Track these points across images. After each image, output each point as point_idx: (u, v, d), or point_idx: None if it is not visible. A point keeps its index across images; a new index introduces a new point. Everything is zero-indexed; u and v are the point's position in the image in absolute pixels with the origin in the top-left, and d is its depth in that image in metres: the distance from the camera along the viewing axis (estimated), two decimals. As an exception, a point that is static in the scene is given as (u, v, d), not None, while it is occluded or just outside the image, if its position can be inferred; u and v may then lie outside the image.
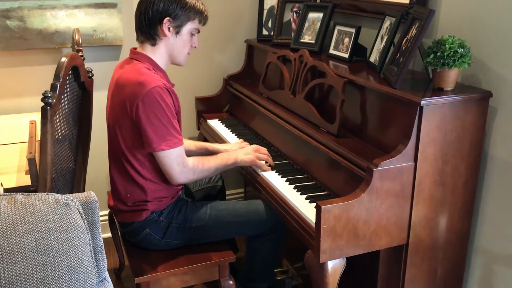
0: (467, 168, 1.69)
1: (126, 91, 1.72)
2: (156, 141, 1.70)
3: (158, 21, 1.76)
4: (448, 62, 1.59)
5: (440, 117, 1.58)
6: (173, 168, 1.75)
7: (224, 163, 1.91)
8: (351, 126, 1.90)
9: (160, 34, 1.79)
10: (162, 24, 1.76)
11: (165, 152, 1.72)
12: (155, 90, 1.68)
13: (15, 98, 2.53)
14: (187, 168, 1.79)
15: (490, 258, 1.80)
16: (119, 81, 1.77)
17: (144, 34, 1.80)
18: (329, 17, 2.28)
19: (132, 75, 1.74)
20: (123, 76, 1.77)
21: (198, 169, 1.82)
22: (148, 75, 1.72)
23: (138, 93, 1.68)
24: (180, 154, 1.76)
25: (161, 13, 1.75)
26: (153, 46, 1.81)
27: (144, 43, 1.82)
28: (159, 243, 1.89)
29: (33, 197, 1.30)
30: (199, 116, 2.77)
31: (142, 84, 1.69)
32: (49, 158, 1.49)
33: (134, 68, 1.77)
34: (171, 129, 1.72)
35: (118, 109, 1.76)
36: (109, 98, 1.86)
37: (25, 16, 2.40)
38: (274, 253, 2.06)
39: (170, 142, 1.72)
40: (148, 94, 1.67)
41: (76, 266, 1.27)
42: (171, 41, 1.80)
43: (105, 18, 2.54)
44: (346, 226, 1.53)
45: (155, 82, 1.69)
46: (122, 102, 1.73)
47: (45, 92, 1.45)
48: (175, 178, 1.78)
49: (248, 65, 2.81)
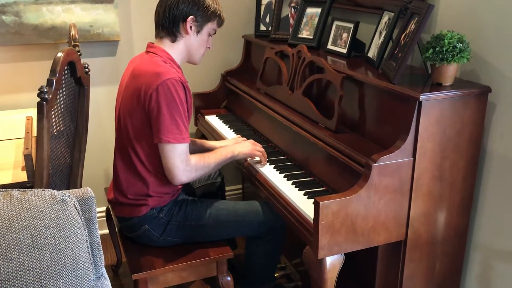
0: (466, 164, 1.69)
1: (142, 81, 1.73)
2: (164, 133, 1.70)
3: (182, 19, 1.80)
4: (447, 57, 1.58)
5: (439, 113, 1.58)
6: (176, 165, 1.74)
7: (224, 157, 1.91)
8: (349, 122, 1.89)
9: (182, 32, 1.83)
10: (186, 23, 1.80)
11: (171, 146, 1.72)
12: (170, 81, 1.69)
13: (11, 94, 2.52)
14: (190, 166, 1.78)
15: (488, 253, 1.80)
16: (134, 72, 1.79)
17: (165, 30, 1.83)
18: (327, 12, 2.27)
19: (149, 66, 1.76)
20: (139, 67, 1.79)
21: (199, 166, 1.81)
22: (164, 67, 1.74)
23: (153, 83, 1.69)
24: (185, 151, 1.76)
25: (186, 12, 1.80)
26: (173, 43, 1.84)
27: (164, 39, 1.85)
28: (157, 240, 1.88)
29: (29, 193, 1.29)
30: (197, 112, 2.76)
31: (158, 74, 1.70)
32: (45, 154, 1.48)
33: (151, 60, 1.79)
34: (181, 124, 1.72)
35: (132, 99, 1.76)
36: (121, 90, 1.87)
37: (21, 11, 2.38)
38: (273, 255, 2.05)
39: (179, 136, 1.72)
40: (163, 84, 1.68)
41: (73, 262, 1.27)
42: (191, 39, 1.85)
43: (101, 13, 2.52)
44: (344, 222, 1.52)
45: (171, 74, 1.71)
46: (137, 91, 1.74)
47: (41, 88, 1.44)
48: (177, 176, 1.76)
49: (246, 60, 2.80)
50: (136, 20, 2.65)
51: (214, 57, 2.88)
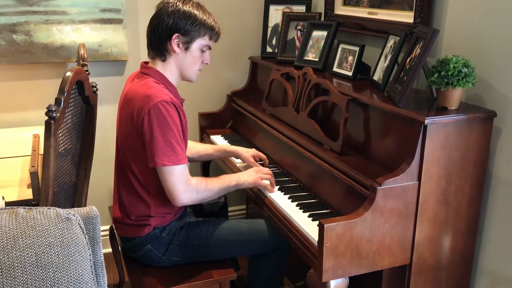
0: (471, 188, 1.68)
1: (133, 104, 1.73)
2: (159, 156, 1.69)
3: (167, 37, 1.77)
4: (452, 81, 1.59)
5: (444, 136, 1.58)
6: (175, 186, 1.72)
7: (227, 184, 1.88)
8: (354, 144, 1.89)
9: (169, 50, 1.79)
10: (171, 40, 1.77)
11: (168, 168, 1.71)
12: (161, 104, 1.68)
13: (19, 111, 2.54)
14: (190, 187, 1.76)
15: (494, 279, 1.77)
16: (127, 95, 1.79)
17: (154, 49, 1.81)
18: (333, 35, 2.29)
19: (141, 88, 1.75)
20: (132, 89, 1.78)
21: (201, 188, 1.79)
22: (155, 88, 1.73)
23: (145, 106, 1.68)
24: (184, 172, 1.74)
25: (170, 29, 1.75)
26: (163, 62, 1.82)
27: (155, 59, 1.83)
28: (160, 259, 1.87)
29: (35, 211, 1.29)
30: (202, 131, 2.77)
31: (149, 97, 1.69)
32: (51, 172, 1.48)
33: (143, 81, 1.78)
34: (176, 145, 1.70)
35: (126, 123, 1.76)
36: (118, 112, 1.87)
37: (31, 30, 2.42)
38: (276, 274, 2.03)
39: (174, 158, 1.70)
40: (154, 107, 1.67)
41: (76, 281, 1.26)
42: (180, 57, 1.81)
43: (110, 33, 2.56)
44: (349, 245, 1.51)
45: (162, 96, 1.69)
46: (130, 115, 1.73)
47: (49, 106, 1.45)
48: (179, 197, 1.74)
49: (252, 81, 2.82)
50: (144, 40, 2.64)
51: (220, 77, 2.91)
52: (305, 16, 2.55)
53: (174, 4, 1.77)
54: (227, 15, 2.78)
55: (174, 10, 1.75)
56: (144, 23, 2.63)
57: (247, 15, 2.87)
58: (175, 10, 1.75)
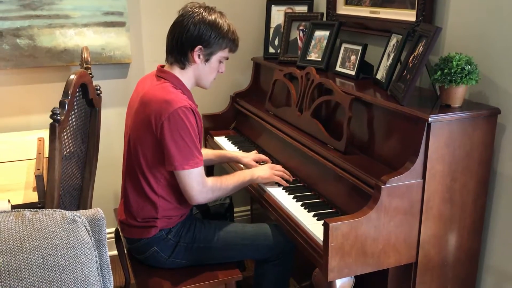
0: (476, 185, 1.68)
1: (152, 108, 1.73)
2: (179, 160, 1.71)
3: (190, 48, 1.78)
4: (455, 79, 1.58)
5: (448, 134, 1.58)
6: (193, 187, 1.76)
7: (242, 180, 1.92)
8: (358, 143, 1.89)
9: (190, 60, 1.81)
10: (193, 52, 1.79)
11: (187, 172, 1.73)
12: (181, 109, 1.69)
13: (24, 115, 2.55)
14: (206, 188, 1.79)
15: (501, 276, 1.77)
16: (144, 98, 1.78)
17: (174, 57, 1.82)
18: (336, 35, 2.29)
19: (159, 92, 1.75)
20: (149, 93, 1.78)
21: (216, 187, 1.83)
22: (175, 94, 1.74)
23: (164, 111, 1.69)
24: (201, 173, 1.77)
25: (194, 40, 1.77)
26: (182, 69, 1.84)
27: (173, 65, 1.84)
28: (165, 261, 1.88)
29: (40, 214, 1.30)
30: (206, 133, 2.77)
31: (169, 102, 1.70)
32: (56, 175, 1.49)
33: (161, 86, 1.78)
34: (194, 149, 1.73)
35: (142, 126, 1.76)
36: (131, 114, 1.86)
37: (34, 34, 2.43)
38: (282, 278, 2.03)
39: (192, 162, 1.73)
40: (174, 113, 1.68)
41: (82, 283, 1.26)
42: (200, 67, 1.83)
43: (113, 36, 2.57)
44: (354, 244, 1.51)
45: (182, 102, 1.70)
46: (147, 119, 1.73)
47: (54, 109, 1.46)
48: (195, 197, 1.78)
49: (255, 82, 2.83)
50: (147, 43, 2.70)
51: (223, 79, 2.91)
52: (307, 16, 2.55)
53: (200, 14, 1.77)
54: (229, 16, 2.75)
55: (200, 21, 1.76)
56: (147, 25, 2.67)
57: (249, 16, 2.87)
58: (201, 20, 1.76)
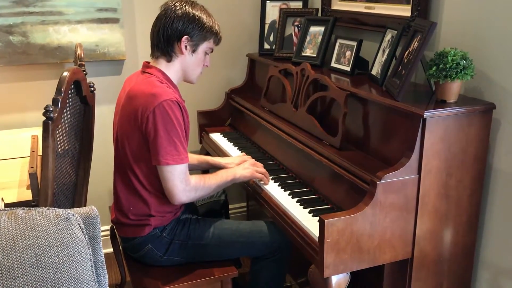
0: (472, 181, 1.68)
1: (138, 102, 1.72)
2: (163, 155, 1.70)
3: (177, 38, 1.79)
4: (450, 74, 1.58)
5: (444, 130, 1.58)
6: (176, 185, 1.74)
7: (224, 179, 1.90)
8: (353, 139, 1.89)
9: (177, 51, 1.81)
10: (180, 42, 1.79)
11: (170, 167, 1.71)
12: (167, 103, 1.68)
13: (17, 113, 2.54)
14: (189, 186, 1.77)
15: (497, 272, 1.77)
16: (130, 93, 1.78)
17: (160, 50, 1.82)
18: (331, 31, 2.29)
19: (145, 86, 1.75)
20: (135, 87, 1.78)
21: (200, 186, 1.81)
22: (161, 87, 1.74)
23: (150, 104, 1.68)
24: (184, 171, 1.75)
25: (180, 31, 1.78)
26: (168, 62, 1.83)
27: (159, 59, 1.84)
28: (160, 259, 1.87)
29: (34, 212, 1.29)
30: (201, 129, 2.76)
31: (154, 95, 1.69)
32: (50, 173, 1.48)
33: (147, 80, 1.78)
34: (179, 145, 1.72)
35: (128, 120, 1.76)
36: (118, 110, 1.86)
37: (28, 31, 2.41)
38: (279, 275, 2.02)
39: (177, 157, 1.71)
40: (160, 106, 1.68)
41: (76, 281, 1.26)
42: (187, 59, 1.83)
43: (107, 33, 2.55)
44: (349, 240, 1.51)
45: (168, 95, 1.70)
46: (133, 113, 1.73)
47: (47, 106, 1.45)
48: (177, 196, 1.76)
49: (250, 78, 2.82)
50: (141, 39, 2.68)
51: (218, 75, 2.90)
52: (302, 12, 2.54)
53: (183, 8, 1.78)
54: (224, 12, 2.78)
55: (184, 13, 1.77)
56: (141, 22, 2.65)
57: (244, 12, 2.86)
58: (185, 13, 1.77)
